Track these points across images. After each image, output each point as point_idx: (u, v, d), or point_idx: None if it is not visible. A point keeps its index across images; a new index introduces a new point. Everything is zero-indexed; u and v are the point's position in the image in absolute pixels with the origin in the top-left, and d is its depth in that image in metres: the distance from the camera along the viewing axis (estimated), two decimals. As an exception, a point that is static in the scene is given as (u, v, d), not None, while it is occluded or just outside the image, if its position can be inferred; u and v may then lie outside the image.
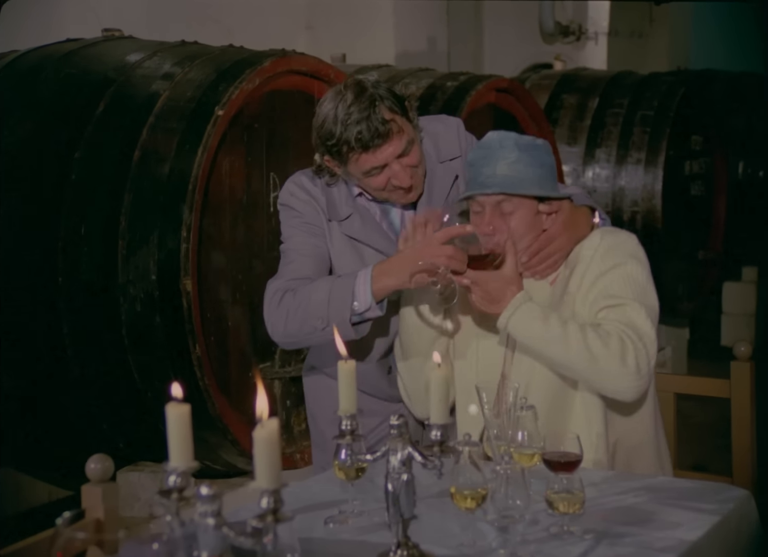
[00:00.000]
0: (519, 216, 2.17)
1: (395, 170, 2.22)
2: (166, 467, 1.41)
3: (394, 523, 1.64)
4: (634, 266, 2.17)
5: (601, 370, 2.07)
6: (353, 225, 2.32)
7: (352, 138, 2.17)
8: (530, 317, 2.10)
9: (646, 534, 1.76)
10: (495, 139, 2.20)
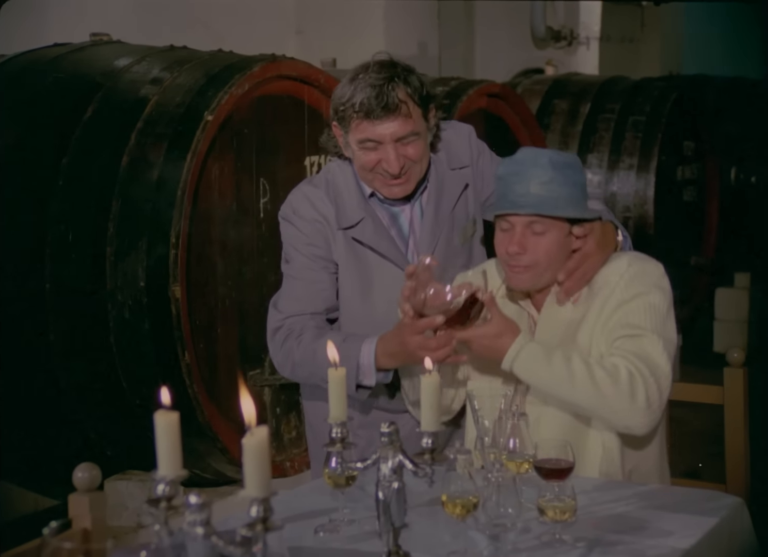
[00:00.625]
0: (550, 237, 2.15)
1: (388, 152, 2.19)
2: (154, 476, 1.41)
3: (385, 532, 1.64)
4: (657, 296, 2.17)
5: (610, 407, 2.06)
6: (365, 230, 2.29)
7: (358, 100, 2.16)
8: (533, 360, 2.09)
9: (639, 542, 1.76)
10: (529, 156, 2.17)
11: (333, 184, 2.33)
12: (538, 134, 4.39)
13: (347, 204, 2.30)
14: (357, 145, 2.22)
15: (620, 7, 7.64)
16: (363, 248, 2.31)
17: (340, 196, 2.31)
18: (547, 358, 2.09)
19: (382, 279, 2.32)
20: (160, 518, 1.36)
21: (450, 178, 2.37)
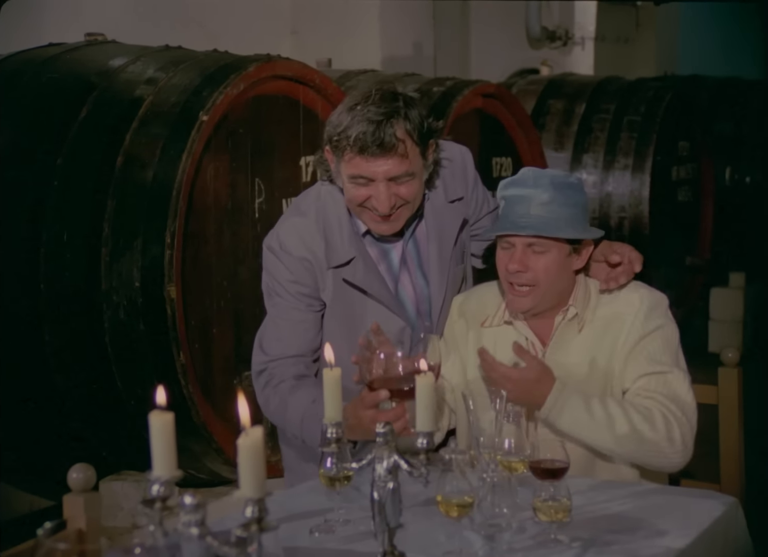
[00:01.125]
0: (550, 256, 2.16)
1: (379, 191, 2.10)
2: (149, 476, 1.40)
3: (380, 532, 1.65)
4: (672, 329, 2.22)
5: (649, 451, 2.10)
6: (356, 270, 2.21)
7: (353, 134, 2.07)
8: (573, 408, 2.10)
9: (634, 541, 1.77)
10: (530, 177, 2.18)
11: (324, 215, 2.23)
12: (533, 134, 4.39)
13: (338, 240, 2.21)
14: (348, 178, 2.14)
15: (615, 7, 7.65)
16: (352, 288, 2.23)
17: (331, 231, 2.21)
18: (587, 407, 2.10)
19: (370, 320, 2.22)
20: (155, 519, 1.36)
21: (448, 212, 2.30)
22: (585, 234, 2.20)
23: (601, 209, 5.13)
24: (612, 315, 2.22)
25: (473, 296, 2.36)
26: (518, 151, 4.33)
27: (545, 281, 2.17)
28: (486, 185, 4.02)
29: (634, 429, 2.09)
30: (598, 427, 2.09)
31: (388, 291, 2.26)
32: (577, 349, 2.20)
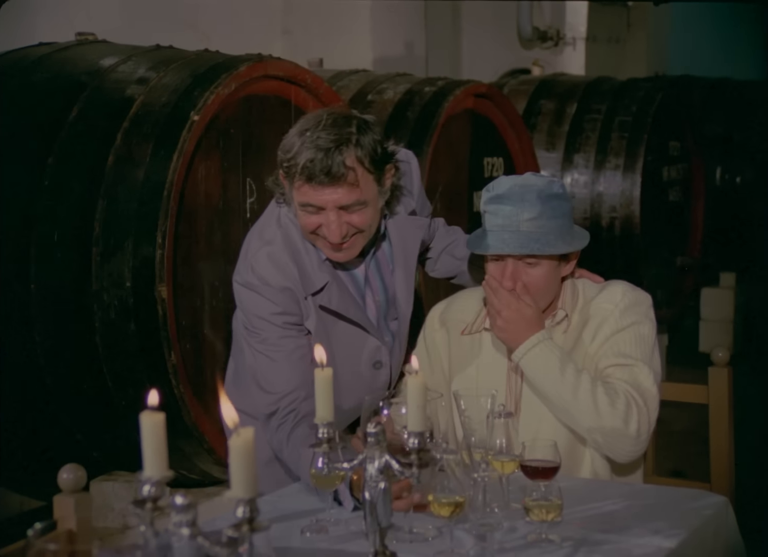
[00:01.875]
0: (541, 269, 2.16)
1: (329, 220, 2.04)
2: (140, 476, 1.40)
3: (372, 532, 1.65)
4: (648, 328, 2.21)
5: (602, 428, 2.09)
6: (331, 295, 2.17)
7: (301, 162, 2.01)
8: (548, 359, 2.11)
9: (625, 541, 1.77)
10: (516, 192, 2.14)
11: (290, 242, 2.16)
12: (524, 134, 4.39)
13: (308, 266, 2.16)
14: (298, 206, 2.08)
15: (606, 7, 7.66)
16: (327, 313, 2.19)
17: (300, 257, 2.16)
18: (561, 365, 2.11)
19: (348, 343, 2.23)
20: (146, 519, 1.36)
21: (409, 227, 2.26)
22: (575, 244, 2.20)
23: (592, 209, 5.13)
24: (593, 310, 2.23)
25: (454, 304, 2.37)
26: (510, 151, 4.33)
27: (537, 292, 2.18)
28: (477, 185, 4.05)
29: (595, 400, 2.08)
30: (563, 386, 2.09)
31: (363, 313, 2.24)
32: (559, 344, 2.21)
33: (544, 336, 2.14)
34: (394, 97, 3.94)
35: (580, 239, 2.22)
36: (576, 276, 2.30)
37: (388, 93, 3.98)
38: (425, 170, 3.69)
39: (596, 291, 2.26)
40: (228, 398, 1.56)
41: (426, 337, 2.37)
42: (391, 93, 3.97)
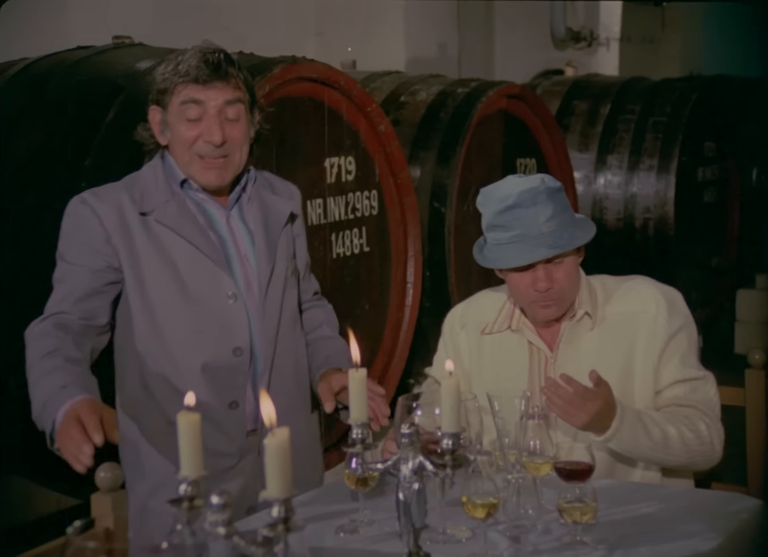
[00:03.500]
0: (568, 263, 2.16)
1: (211, 120, 2.07)
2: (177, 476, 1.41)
3: (406, 532, 1.65)
4: (693, 325, 2.23)
5: (695, 459, 2.15)
6: (167, 211, 2.10)
7: (186, 67, 2.06)
8: (634, 434, 2.08)
9: (660, 543, 1.76)
10: (526, 198, 2.12)
11: (136, 176, 2.17)
12: (557, 135, 4.38)
13: (152, 186, 2.13)
14: (177, 114, 2.09)
15: (641, 7, 7.61)
16: (167, 238, 2.11)
17: (144, 180, 2.15)
18: (646, 432, 2.10)
19: (198, 279, 2.11)
20: (183, 518, 1.37)
21: (275, 203, 2.23)
22: (590, 231, 2.19)
23: (625, 210, 5.10)
24: (625, 314, 2.20)
25: (472, 305, 2.36)
26: (543, 152, 4.32)
27: (569, 286, 2.17)
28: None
29: (686, 445, 2.12)
30: (654, 448, 2.11)
31: (211, 242, 2.12)
32: (587, 350, 2.19)
33: (621, 416, 2.07)
34: (427, 99, 3.94)
35: (589, 226, 2.22)
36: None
37: (421, 94, 3.98)
38: (458, 170, 3.69)
39: (617, 286, 2.25)
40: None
41: (446, 340, 2.36)
42: (424, 94, 3.97)
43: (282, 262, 2.23)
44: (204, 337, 2.13)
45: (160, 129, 2.15)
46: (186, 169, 2.14)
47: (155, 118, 2.15)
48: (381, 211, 3.43)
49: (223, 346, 2.13)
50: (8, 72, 3.02)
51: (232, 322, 2.14)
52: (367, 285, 3.39)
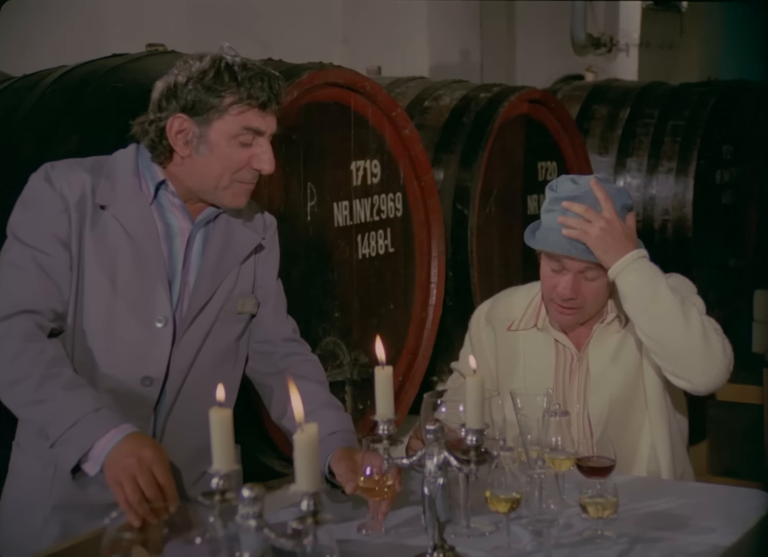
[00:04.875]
0: (600, 282, 2.15)
1: (265, 149, 1.93)
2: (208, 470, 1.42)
3: (431, 526, 1.64)
4: (701, 303, 2.20)
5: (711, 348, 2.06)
6: (128, 209, 1.90)
7: (249, 89, 1.88)
8: (647, 269, 2.07)
9: (680, 538, 1.75)
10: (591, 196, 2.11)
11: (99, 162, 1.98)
12: (578, 139, 4.35)
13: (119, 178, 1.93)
14: (230, 139, 1.91)
15: (660, 14, 7.56)
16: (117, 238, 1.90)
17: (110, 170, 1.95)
18: (656, 276, 2.07)
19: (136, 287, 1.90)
20: (215, 511, 1.37)
21: (240, 233, 2.02)
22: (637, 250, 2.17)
23: (644, 212, 5.07)
24: None
25: (499, 303, 2.35)
26: (563, 156, 4.29)
27: (592, 304, 2.16)
28: (532, 189, 4.02)
29: (701, 317, 2.06)
30: (673, 297, 2.05)
31: (160, 256, 1.91)
32: (613, 350, 2.18)
33: (641, 247, 2.10)
34: (450, 103, 3.93)
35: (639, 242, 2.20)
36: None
37: (444, 99, 3.97)
38: (480, 173, 3.68)
39: None
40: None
41: (472, 336, 2.35)
42: (447, 99, 3.96)
43: (223, 295, 1.99)
44: (117, 359, 1.91)
45: (187, 141, 1.93)
46: (209, 189, 1.95)
47: (181, 128, 1.92)
48: (405, 212, 3.42)
49: (134, 373, 1.91)
50: (48, 79, 3.05)
51: (151, 349, 1.92)
52: (392, 285, 3.39)
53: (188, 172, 1.96)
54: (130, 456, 1.70)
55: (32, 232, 1.87)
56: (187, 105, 1.92)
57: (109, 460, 1.72)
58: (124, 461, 1.70)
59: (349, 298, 3.19)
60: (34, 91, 3.01)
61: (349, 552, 1.71)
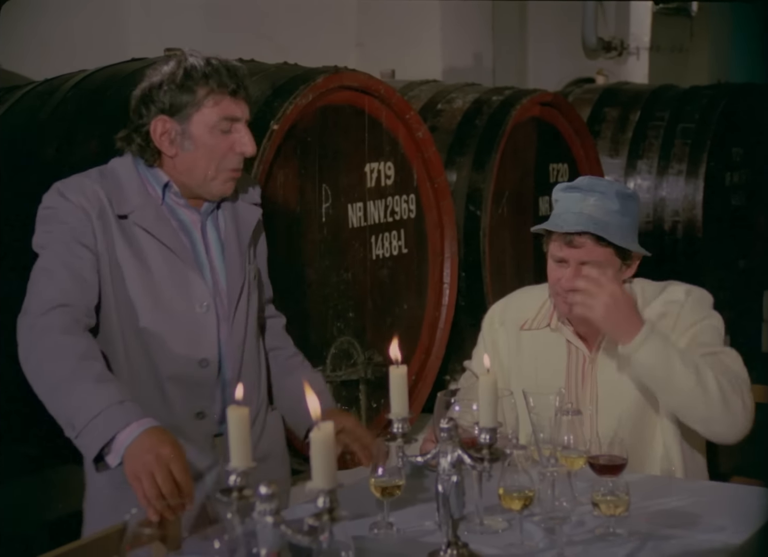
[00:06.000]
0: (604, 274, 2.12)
1: (243, 133, 2.00)
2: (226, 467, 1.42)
3: (444, 523, 1.64)
4: (718, 320, 2.18)
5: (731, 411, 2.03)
6: (146, 215, 1.99)
7: (218, 79, 1.97)
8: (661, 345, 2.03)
9: (691, 536, 1.74)
10: (587, 183, 2.14)
11: (111, 172, 2.03)
12: (589, 141, 4.34)
13: (126, 188, 2.01)
14: (210, 129, 1.98)
15: (670, 18, 7.53)
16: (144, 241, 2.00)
17: (118, 181, 2.02)
18: (676, 349, 2.03)
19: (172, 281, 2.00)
20: (232, 507, 1.37)
21: (243, 210, 2.13)
22: (632, 244, 2.15)
23: (655, 213, 5.05)
24: (660, 314, 2.18)
25: (512, 302, 2.34)
26: (575, 158, 4.28)
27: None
28: (543, 190, 4.01)
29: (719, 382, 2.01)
30: (686, 373, 2.01)
31: (186, 250, 2.02)
32: None
33: (650, 324, 2.05)
34: (463, 106, 3.92)
35: (637, 243, 2.17)
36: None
37: (457, 102, 3.96)
38: (492, 175, 3.67)
39: (656, 292, 2.22)
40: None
41: (485, 336, 2.34)
42: (460, 102, 3.95)
43: (251, 273, 2.14)
44: (171, 348, 2.00)
45: (171, 139, 2.00)
46: (199, 182, 2.02)
47: (164, 129, 2.00)
48: (419, 214, 3.42)
49: (190, 358, 2.02)
50: (68, 83, 3.06)
51: (201, 333, 2.03)
52: (406, 286, 3.39)
53: (179, 170, 2.04)
54: (149, 453, 1.72)
55: (57, 241, 1.96)
56: (165, 106, 2.01)
57: (129, 454, 1.74)
58: (144, 457, 1.72)
59: (363, 298, 3.19)
60: (54, 95, 3.02)
61: (363, 549, 1.70)
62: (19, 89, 3.19)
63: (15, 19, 3.43)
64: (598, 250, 2.09)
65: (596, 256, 2.09)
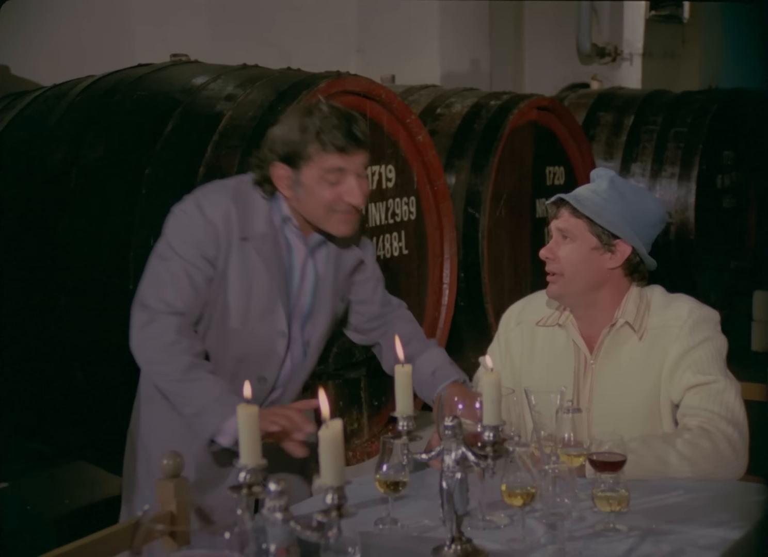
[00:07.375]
0: (574, 246, 2.14)
1: (352, 185, 2.08)
2: (237, 464, 1.41)
3: (448, 519, 1.63)
4: (720, 342, 2.14)
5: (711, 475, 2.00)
6: (265, 244, 2.14)
7: (328, 138, 2.05)
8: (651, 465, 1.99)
9: (690, 531, 1.73)
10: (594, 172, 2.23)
11: (242, 193, 2.16)
12: (584, 145, 4.33)
13: (253, 213, 2.15)
14: (318, 181, 2.09)
15: (662, 24, 7.53)
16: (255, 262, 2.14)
17: (247, 205, 2.15)
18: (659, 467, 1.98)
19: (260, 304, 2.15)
20: (242, 503, 1.37)
21: (345, 251, 2.26)
22: (610, 224, 2.14)
23: (648, 215, 5.05)
24: (661, 327, 2.15)
25: (531, 303, 2.34)
26: (570, 161, 4.28)
27: (569, 270, 2.14)
28: (540, 193, 4.01)
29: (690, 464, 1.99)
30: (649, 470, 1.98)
31: (284, 282, 2.16)
32: (626, 360, 2.15)
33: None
34: (461, 110, 3.92)
35: (621, 228, 2.14)
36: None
37: (456, 106, 3.96)
38: (491, 178, 3.67)
39: (664, 304, 2.18)
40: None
41: (500, 335, 2.34)
42: (459, 106, 3.95)
43: (339, 307, 2.29)
44: (242, 365, 2.16)
45: (288, 185, 2.13)
46: (316, 220, 2.15)
47: (281, 175, 2.12)
48: (419, 216, 3.42)
49: (254, 373, 2.16)
50: (76, 88, 3.05)
51: (269, 355, 2.18)
52: (406, 286, 3.38)
53: (296, 207, 2.16)
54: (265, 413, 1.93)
55: (184, 247, 2.12)
56: (282, 156, 2.12)
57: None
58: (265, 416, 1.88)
59: (365, 298, 3.18)
60: (63, 100, 3.01)
61: (368, 545, 1.69)
62: (28, 94, 3.19)
63: (24, 25, 3.42)
64: (571, 220, 2.15)
65: (569, 225, 2.14)
